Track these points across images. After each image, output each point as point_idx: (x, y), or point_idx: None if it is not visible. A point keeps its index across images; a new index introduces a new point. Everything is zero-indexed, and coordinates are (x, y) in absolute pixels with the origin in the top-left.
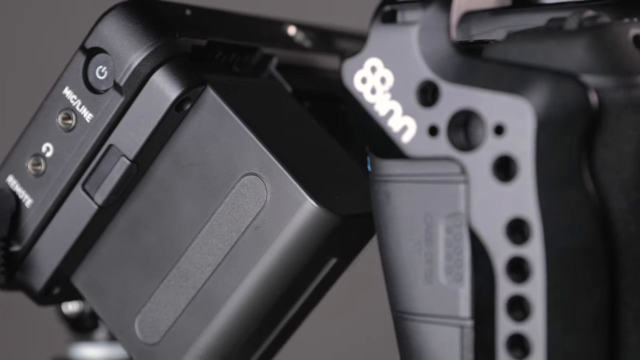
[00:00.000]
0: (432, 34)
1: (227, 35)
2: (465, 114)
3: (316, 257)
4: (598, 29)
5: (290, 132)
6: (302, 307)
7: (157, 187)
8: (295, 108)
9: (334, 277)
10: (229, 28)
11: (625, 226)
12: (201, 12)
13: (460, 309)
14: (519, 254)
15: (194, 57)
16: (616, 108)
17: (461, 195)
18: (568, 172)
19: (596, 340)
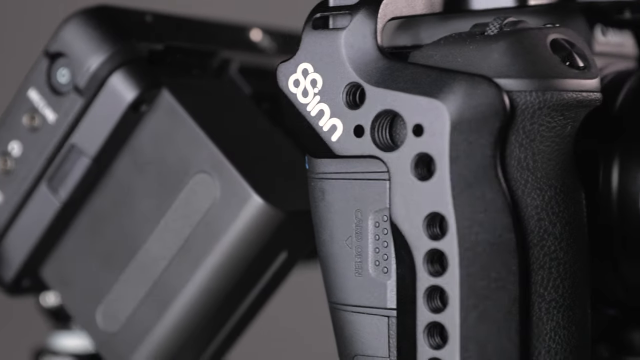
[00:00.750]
0: (358, 39)
1: (186, 40)
2: (388, 115)
3: (265, 251)
4: (515, 34)
5: (243, 133)
6: (256, 299)
7: (116, 184)
8: (251, 109)
9: (285, 271)
10: (189, 33)
11: (539, 222)
12: (162, 18)
13: (387, 300)
14: (436, 247)
15: (152, 61)
16: (530, 110)
17: (386, 192)
18: (482, 171)
19: (509, 330)
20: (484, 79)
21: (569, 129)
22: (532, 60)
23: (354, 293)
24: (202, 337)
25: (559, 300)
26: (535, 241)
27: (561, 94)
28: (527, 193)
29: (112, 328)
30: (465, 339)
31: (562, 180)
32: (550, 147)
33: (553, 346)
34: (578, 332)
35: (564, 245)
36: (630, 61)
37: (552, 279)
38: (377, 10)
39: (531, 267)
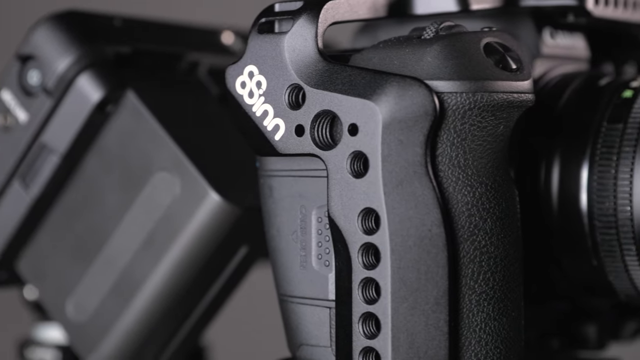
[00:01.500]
0: (299, 43)
1: (154, 43)
2: (327, 115)
3: (224, 246)
4: (449, 37)
5: (206, 132)
6: (220, 292)
7: (85, 181)
8: (216, 110)
9: (247, 265)
10: (157, 36)
11: (470, 218)
12: (130, 22)
13: (329, 292)
14: (370, 241)
15: (118, 63)
16: (461, 110)
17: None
18: (413, 168)
19: (438, 321)
20: (416, 80)
21: (501, 128)
22: (463, 62)
23: (299, 285)
24: (168, 327)
25: (490, 292)
26: (466, 236)
27: (492, 95)
28: (458, 190)
29: (81, 319)
30: (396, 329)
31: (493, 178)
32: (481, 145)
33: (484, 337)
34: (509, 324)
35: (495, 240)
36: (581, 63)
37: (483, 273)
38: (318, 15)
39: (461, 260)
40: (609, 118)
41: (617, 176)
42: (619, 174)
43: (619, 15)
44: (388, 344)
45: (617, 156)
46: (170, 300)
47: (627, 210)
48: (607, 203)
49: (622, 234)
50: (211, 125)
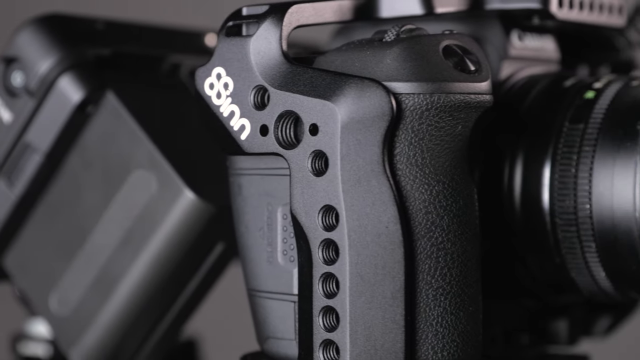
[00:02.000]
0: (264, 46)
1: (135, 46)
2: (290, 116)
3: (200, 243)
4: (408, 40)
5: (184, 132)
6: (199, 288)
7: (68, 179)
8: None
9: (224, 262)
10: (139, 39)
11: (427, 215)
12: (113, 25)
13: (293, 287)
14: (330, 237)
15: (99, 65)
16: (418, 111)
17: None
18: (371, 167)
19: (395, 315)
20: (374, 82)
21: (459, 128)
22: (421, 64)
23: (266, 280)
24: (147, 322)
25: (447, 287)
26: (423, 232)
27: (448, 96)
28: (416, 188)
29: (63, 313)
30: (354, 322)
31: (451, 176)
32: (439, 145)
33: (440, 330)
34: (466, 318)
35: (452, 237)
36: (551, 65)
37: (440, 268)
38: (282, 19)
39: (418, 256)
40: (570, 118)
41: (577, 175)
42: (579, 173)
43: (584, 17)
44: (346, 336)
45: (578, 155)
46: (149, 296)
47: (586, 209)
48: (568, 201)
49: (582, 231)
50: (190, 125)
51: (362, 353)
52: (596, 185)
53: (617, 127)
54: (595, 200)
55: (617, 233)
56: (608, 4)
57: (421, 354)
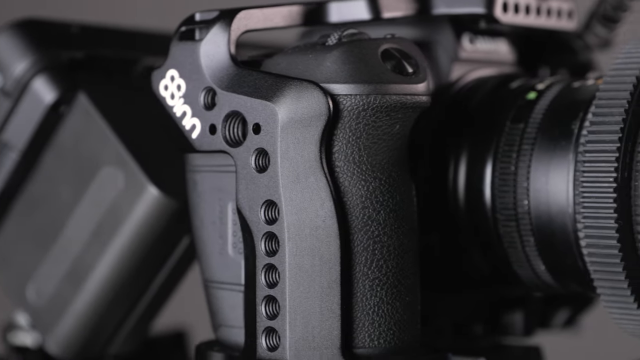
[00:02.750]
0: (213, 49)
1: (108, 49)
2: (236, 116)
3: (165, 236)
4: (348, 44)
5: (152, 131)
6: (168, 279)
7: (43, 175)
8: None
9: (191, 255)
10: (112, 43)
11: (364, 210)
12: (87, 29)
13: (242, 277)
14: (271, 230)
15: (72, 67)
16: (355, 111)
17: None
18: (309, 164)
19: (331, 304)
20: (312, 84)
21: (397, 128)
22: (359, 67)
23: (218, 271)
24: (118, 312)
25: (383, 278)
26: (360, 226)
27: (384, 97)
28: (353, 184)
29: (39, 303)
30: (293, 311)
31: (388, 173)
32: (376, 143)
33: (377, 319)
34: (403, 308)
35: (388, 230)
36: (504, 66)
37: (376, 260)
38: (231, 24)
39: (355, 249)
40: (512, 118)
41: (516, 172)
42: (518, 171)
43: (531, 22)
44: (286, 324)
45: (517, 154)
46: (118, 286)
47: (525, 205)
48: (508, 197)
49: (521, 226)
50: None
51: (301, 340)
52: (534, 182)
53: (554, 126)
54: (533, 197)
55: (553, 228)
56: (557, 8)
57: (358, 341)
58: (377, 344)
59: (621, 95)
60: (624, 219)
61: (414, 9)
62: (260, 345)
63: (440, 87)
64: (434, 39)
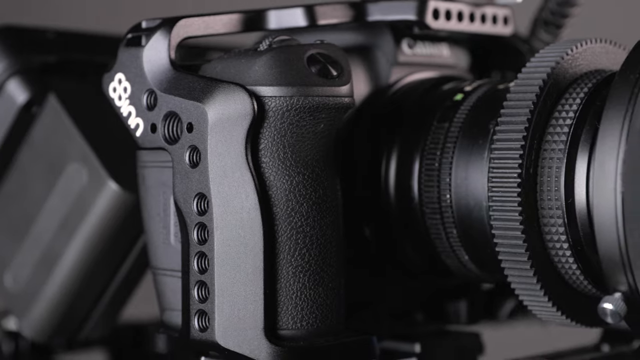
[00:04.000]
0: (154, 55)
1: (81, 53)
2: (173, 116)
3: (126, 228)
4: (276, 50)
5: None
6: (132, 270)
7: (18, 171)
8: None
9: None
10: (85, 47)
11: (287, 202)
12: (62, 34)
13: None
14: (202, 221)
15: (45, 70)
16: (280, 111)
17: None
18: (235, 160)
19: (256, 289)
20: (239, 87)
21: (321, 126)
22: (284, 71)
23: (162, 259)
24: (87, 298)
25: (305, 266)
26: (284, 217)
27: (307, 98)
28: (278, 178)
29: (15, 290)
30: (221, 295)
31: (311, 169)
32: (300, 141)
33: (299, 303)
34: (325, 293)
35: (311, 222)
36: (444, 69)
37: (299, 249)
38: (171, 31)
39: (279, 238)
40: (438, 118)
41: (440, 168)
42: (442, 167)
43: (464, 27)
44: (214, 307)
45: (441, 151)
46: (85, 274)
47: (447, 198)
48: (432, 192)
49: (445, 218)
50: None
51: (228, 321)
52: (455, 177)
53: (474, 126)
54: (454, 191)
55: (472, 220)
56: (492, 14)
57: (282, 323)
58: (300, 326)
59: (528, 97)
60: (529, 212)
61: (350, 17)
62: (193, 327)
63: (378, 89)
64: (374, 44)
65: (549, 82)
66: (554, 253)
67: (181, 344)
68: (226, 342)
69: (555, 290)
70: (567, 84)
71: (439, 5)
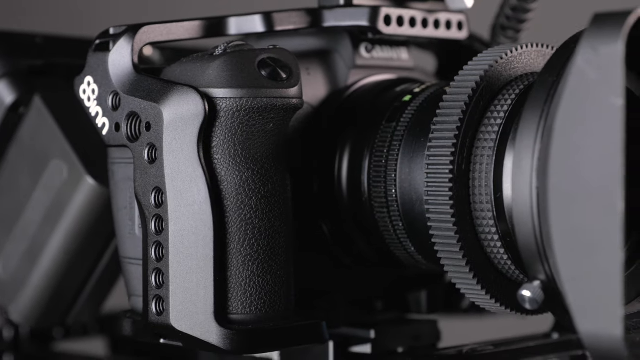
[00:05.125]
0: (119, 59)
1: (66, 57)
2: (134, 115)
3: (104, 219)
4: (229, 54)
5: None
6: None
7: (8, 167)
8: None
9: None
10: (70, 51)
11: (237, 196)
12: (51, 40)
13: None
14: (159, 213)
15: (31, 74)
16: (230, 111)
17: None
18: (189, 157)
19: (207, 276)
20: (192, 89)
21: (271, 126)
22: (235, 74)
23: (128, 248)
24: (72, 285)
25: (254, 255)
26: (234, 210)
27: (256, 99)
28: (229, 174)
29: (6, 277)
30: (175, 282)
31: (261, 165)
32: (250, 139)
33: (249, 289)
34: (274, 281)
35: (260, 214)
36: (403, 71)
37: (248, 239)
38: (134, 37)
39: (230, 229)
40: (387, 118)
41: (386, 165)
42: (388, 164)
43: (416, 33)
44: (169, 292)
45: (388, 149)
46: (67, 263)
47: (393, 193)
48: (380, 187)
49: (391, 212)
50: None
51: (181, 306)
52: (399, 173)
53: (418, 125)
54: (399, 186)
55: (415, 214)
56: (446, 20)
57: (232, 308)
58: (249, 311)
59: (461, 98)
60: (461, 206)
61: (306, 23)
62: (151, 311)
63: (335, 91)
64: (334, 49)
65: (482, 84)
66: (486, 244)
67: (143, 327)
68: (180, 325)
69: (488, 279)
70: (501, 85)
71: (391, 12)
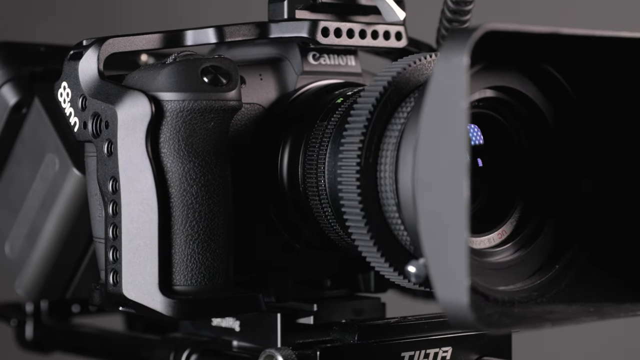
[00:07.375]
0: (87, 67)
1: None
2: (97, 115)
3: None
4: (176, 63)
5: None
6: None
7: (14, 161)
8: None
9: None
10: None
11: (181, 184)
12: (52, 48)
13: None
14: (114, 199)
15: (33, 79)
16: (175, 112)
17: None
18: (138, 151)
19: (152, 254)
20: (142, 93)
21: (212, 124)
22: (179, 79)
23: (97, 230)
24: (68, 264)
25: (195, 235)
26: (177, 196)
27: (197, 102)
28: (173, 165)
29: (12, 256)
30: (126, 257)
31: (201, 158)
32: (192, 136)
33: (190, 265)
34: (213, 258)
35: (200, 199)
36: (351, 77)
37: (189, 222)
38: (100, 48)
39: (174, 213)
40: (321, 117)
41: (317, 159)
42: (319, 157)
43: (354, 43)
44: (122, 266)
45: (319, 145)
46: (61, 244)
47: (322, 183)
48: (312, 178)
49: (322, 200)
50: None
51: (131, 278)
52: (327, 166)
53: (343, 124)
54: (327, 177)
55: (341, 202)
56: (383, 31)
57: (176, 281)
58: (191, 283)
59: (372, 95)
60: (368, 195)
61: (255, 34)
62: (109, 282)
63: (284, 94)
64: (285, 57)
65: (389, 88)
66: (393, 228)
67: (104, 296)
68: (130, 294)
69: (396, 259)
70: (410, 90)
71: (329, 25)
